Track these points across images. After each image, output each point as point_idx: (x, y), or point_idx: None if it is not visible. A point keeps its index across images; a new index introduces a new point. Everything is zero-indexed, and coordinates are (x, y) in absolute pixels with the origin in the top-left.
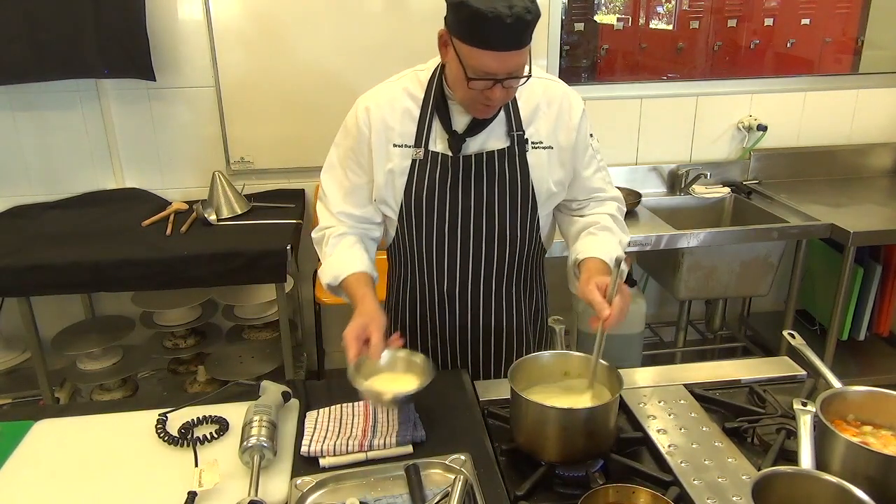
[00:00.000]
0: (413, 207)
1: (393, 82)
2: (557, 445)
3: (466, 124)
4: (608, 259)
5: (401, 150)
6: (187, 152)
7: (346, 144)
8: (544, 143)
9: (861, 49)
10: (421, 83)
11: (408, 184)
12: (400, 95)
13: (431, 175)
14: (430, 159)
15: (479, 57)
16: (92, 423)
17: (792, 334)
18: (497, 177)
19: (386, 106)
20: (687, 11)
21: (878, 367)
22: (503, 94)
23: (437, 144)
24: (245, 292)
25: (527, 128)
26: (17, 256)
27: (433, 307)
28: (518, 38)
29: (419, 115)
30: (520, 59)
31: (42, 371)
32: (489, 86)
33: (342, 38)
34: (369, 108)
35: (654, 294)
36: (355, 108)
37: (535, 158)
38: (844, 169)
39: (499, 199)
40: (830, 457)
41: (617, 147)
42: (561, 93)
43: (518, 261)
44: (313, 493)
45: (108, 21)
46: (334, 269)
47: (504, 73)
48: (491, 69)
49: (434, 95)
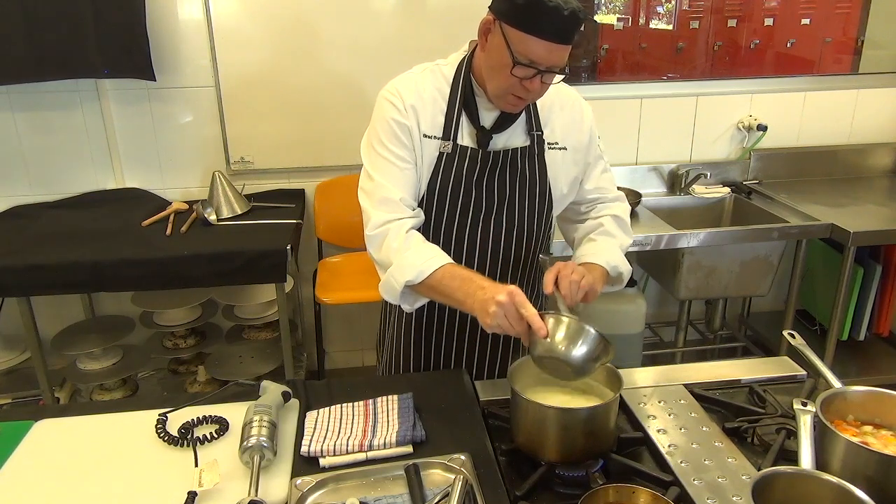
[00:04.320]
0: (436, 200)
1: (417, 74)
2: (557, 445)
3: (493, 120)
4: (604, 263)
5: (430, 140)
6: (187, 152)
7: (387, 128)
8: (559, 144)
9: (861, 49)
10: (445, 77)
11: (433, 175)
12: (427, 86)
13: (458, 168)
14: (459, 153)
15: (530, 43)
16: (92, 423)
17: (792, 334)
18: (519, 174)
19: (415, 95)
20: (687, 11)
21: (878, 367)
22: (540, 88)
23: (465, 138)
24: (245, 292)
25: (543, 128)
26: (17, 256)
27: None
28: (568, 32)
29: (447, 108)
30: (564, 54)
31: (42, 371)
32: (530, 75)
33: (345, 37)
34: (402, 93)
35: (654, 294)
36: (385, 96)
37: (551, 159)
38: (844, 169)
39: (519, 196)
40: (830, 457)
41: (617, 147)
42: (573, 96)
43: (528, 258)
44: (313, 493)
45: (108, 21)
46: (418, 264)
47: (548, 64)
48: (538, 57)
49: (462, 89)
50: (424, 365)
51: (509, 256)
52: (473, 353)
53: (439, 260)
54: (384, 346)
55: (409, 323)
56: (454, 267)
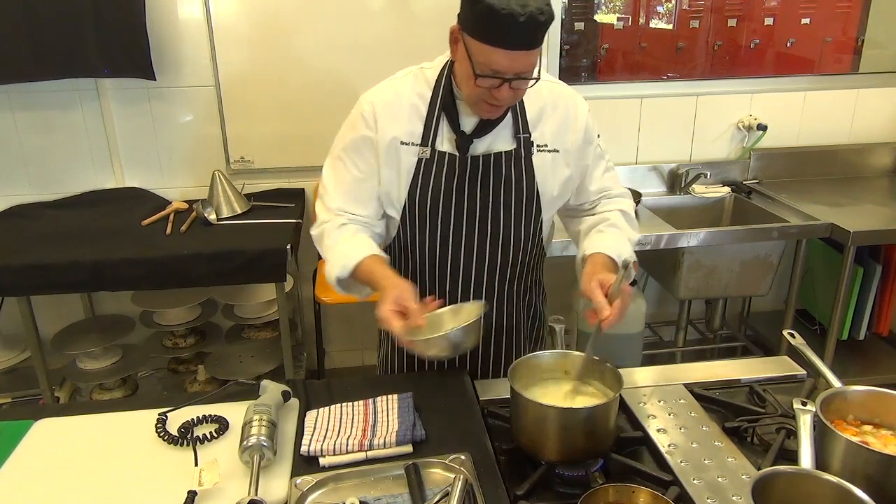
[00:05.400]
0: (417, 207)
1: (399, 79)
2: (557, 445)
3: (474, 125)
4: (615, 255)
5: (408, 147)
6: (187, 152)
7: (349, 137)
8: (550, 146)
9: (861, 49)
10: (428, 81)
11: (413, 183)
12: (407, 92)
13: (438, 175)
14: (437, 159)
15: (489, 54)
16: (92, 422)
17: (792, 334)
18: (503, 179)
19: (393, 103)
20: (687, 11)
21: (878, 367)
22: (510, 95)
23: (445, 144)
24: (245, 292)
25: (533, 130)
26: (16, 256)
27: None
28: (529, 37)
29: (426, 114)
30: (529, 59)
31: (42, 370)
32: (496, 84)
33: (343, 37)
34: (375, 104)
35: (654, 293)
36: (360, 104)
37: (540, 161)
38: (844, 169)
39: (504, 202)
40: (830, 456)
41: (617, 147)
42: (566, 96)
43: (519, 263)
44: (313, 492)
45: (108, 20)
46: (342, 258)
47: (512, 72)
48: (500, 67)
49: (442, 94)
50: (425, 364)
51: (496, 261)
52: (472, 353)
53: (361, 253)
54: (384, 345)
55: None
56: (373, 260)
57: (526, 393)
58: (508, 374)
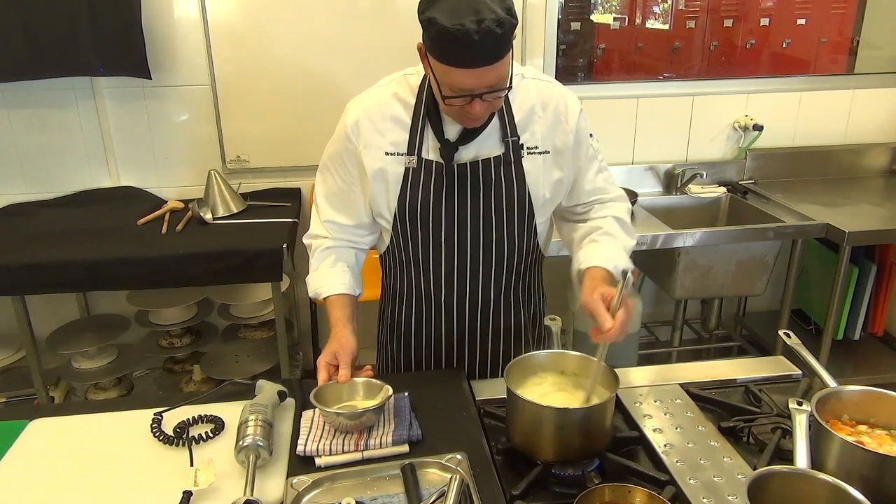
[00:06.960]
0: (407, 216)
1: (382, 87)
2: (553, 445)
3: (459, 132)
4: (611, 268)
5: (394, 158)
6: (183, 151)
7: (333, 149)
8: (540, 147)
9: (857, 49)
10: (412, 88)
11: (401, 192)
12: (390, 101)
13: (426, 184)
14: (424, 168)
15: (452, 75)
16: (87, 422)
17: (787, 334)
18: (493, 185)
19: (376, 114)
20: (683, 11)
21: (873, 367)
22: (485, 107)
23: (431, 152)
24: (241, 291)
25: (522, 133)
26: (11, 255)
27: (429, 314)
28: (490, 52)
29: (411, 122)
30: (497, 71)
31: (37, 370)
32: (467, 102)
33: (338, 37)
34: (358, 118)
35: (650, 293)
36: (344, 117)
37: (530, 164)
38: (840, 169)
39: (495, 208)
40: (826, 456)
41: (613, 147)
42: (557, 94)
43: (515, 268)
44: (309, 492)
45: (104, 19)
46: (315, 285)
47: (481, 88)
48: (466, 86)
49: (426, 102)
50: (422, 364)
51: (491, 267)
52: (470, 356)
53: (330, 289)
54: (381, 345)
55: (407, 323)
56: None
57: (522, 393)
58: (505, 373)
